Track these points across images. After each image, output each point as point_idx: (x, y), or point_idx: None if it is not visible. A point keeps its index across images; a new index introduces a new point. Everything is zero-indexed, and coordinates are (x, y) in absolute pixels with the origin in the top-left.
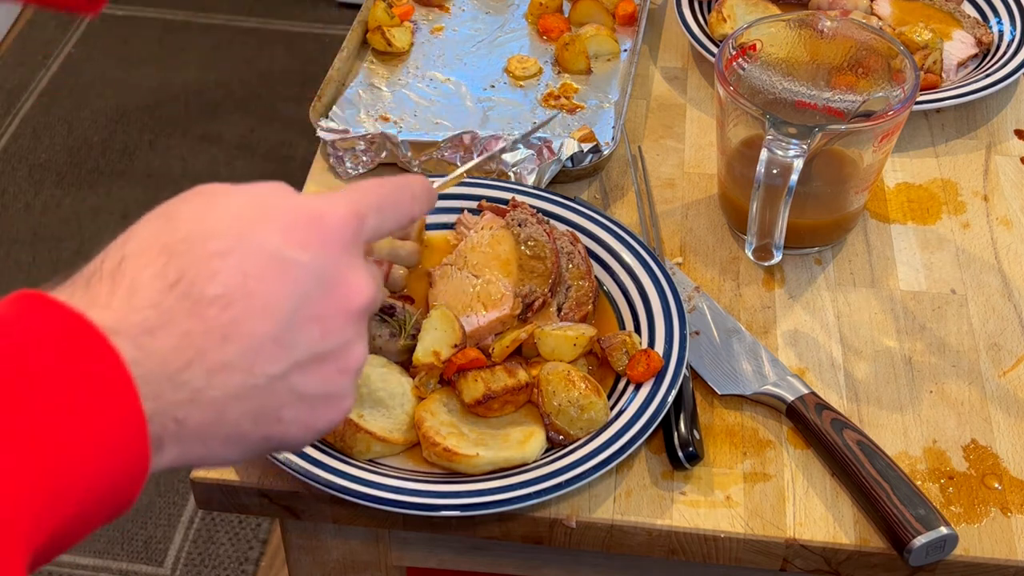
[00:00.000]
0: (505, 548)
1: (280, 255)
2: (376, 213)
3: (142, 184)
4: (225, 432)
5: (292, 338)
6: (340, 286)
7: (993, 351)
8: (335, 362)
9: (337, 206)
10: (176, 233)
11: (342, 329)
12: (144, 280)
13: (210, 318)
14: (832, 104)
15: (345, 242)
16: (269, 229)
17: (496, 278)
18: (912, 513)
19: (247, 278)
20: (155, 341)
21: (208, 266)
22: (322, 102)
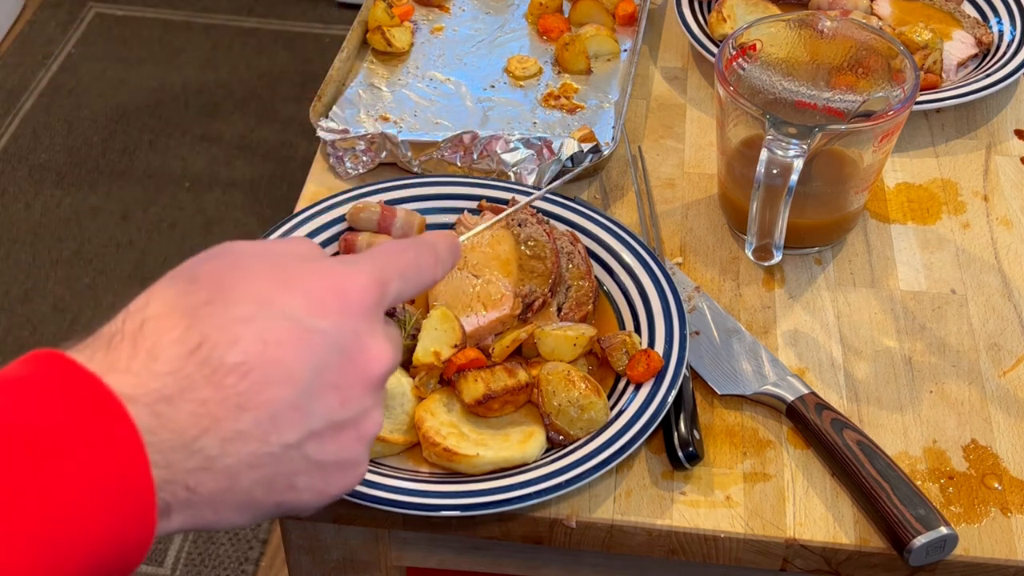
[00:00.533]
0: (505, 548)
1: (301, 323)
2: (399, 280)
3: (142, 184)
4: (237, 499)
5: (310, 406)
6: (360, 354)
7: (993, 351)
8: (352, 430)
9: (360, 274)
10: (198, 296)
11: (360, 398)
12: (165, 344)
13: (228, 386)
14: (832, 104)
15: (366, 310)
16: (291, 296)
17: (496, 278)
18: (912, 513)
19: (267, 346)
20: (172, 409)
21: (229, 332)
22: (322, 102)
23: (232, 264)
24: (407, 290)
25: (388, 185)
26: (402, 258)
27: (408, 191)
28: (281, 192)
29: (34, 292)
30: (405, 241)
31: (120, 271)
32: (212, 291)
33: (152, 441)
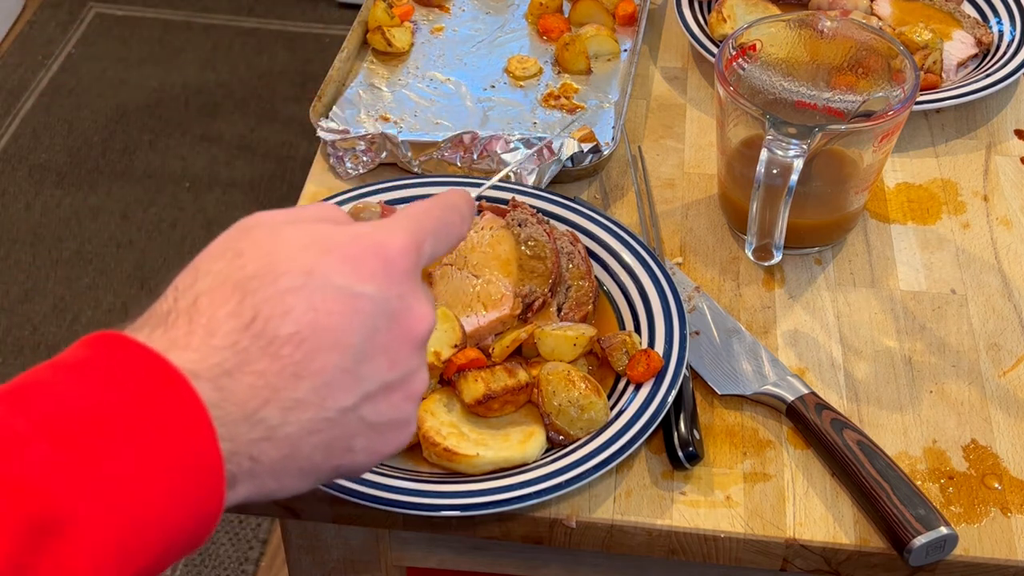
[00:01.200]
0: (505, 548)
1: (348, 289)
2: (432, 239)
3: (142, 184)
4: (298, 466)
5: (362, 370)
6: (405, 316)
7: (993, 351)
8: (402, 390)
9: (396, 236)
10: (246, 269)
11: (408, 358)
12: (220, 319)
13: (284, 356)
14: (832, 104)
15: (407, 272)
16: (336, 263)
17: (496, 278)
18: (912, 513)
19: (318, 314)
20: (233, 382)
21: (281, 304)
22: (322, 102)
23: (272, 235)
24: (440, 249)
25: (388, 185)
26: (431, 217)
27: (408, 191)
28: (281, 192)
29: (34, 292)
30: (428, 201)
31: (120, 271)
32: (258, 263)
33: (217, 415)
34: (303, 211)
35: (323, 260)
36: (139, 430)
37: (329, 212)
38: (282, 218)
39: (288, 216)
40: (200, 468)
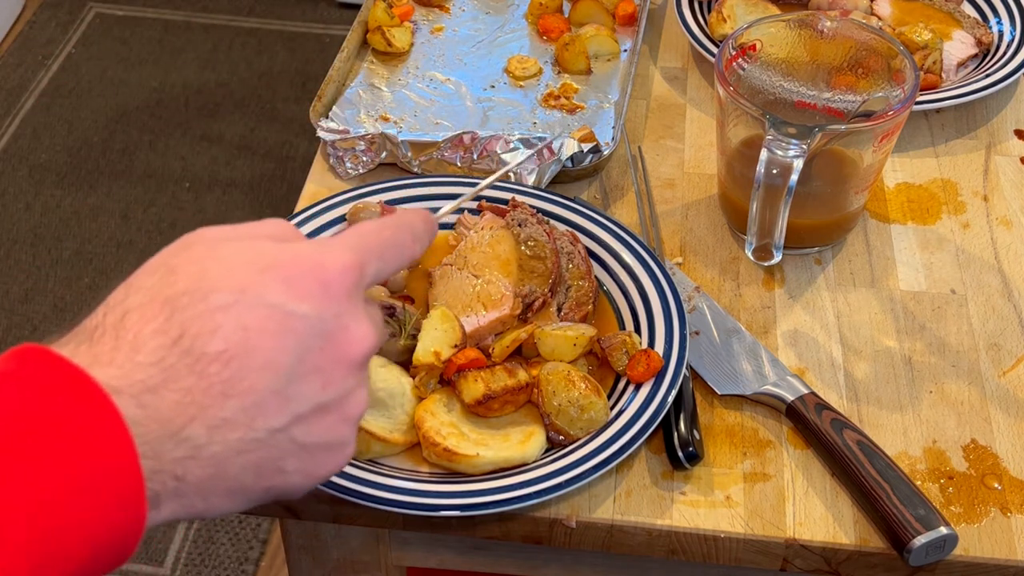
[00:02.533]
0: (505, 548)
1: (282, 308)
2: (378, 260)
3: (142, 184)
4: (226, 486)
5: (293, 391)
6: (341, 337)
7: (993, 351)
8: (337, 411)
9: (338, 255)
10: (177, 286)
11: (343, 379)
12: (146, 336)
13: (211, 374)
14: (832, 104)
15: (346, 291)
16: (270, 281)
17: (496, 278)
18: (912, 513)
19: (248, 332)
20: (157, 399)
21: (210, 321)
22: (322, 102)
23: (208, 252)
24: (386, 269)
25: (388, 185)
26: (379, 237)
27: (408, 191)
28: (281, 192)
29: (34, 292)
30: (381, 220)
31: (120, 271)
32: (190, 280)
33: (139, 432)
34: (249, 228)
35: (258, 278)
36: (57, 444)
37: (277, 229)
38: (224, 234)
39: (230, 232)
40: (120, 485)
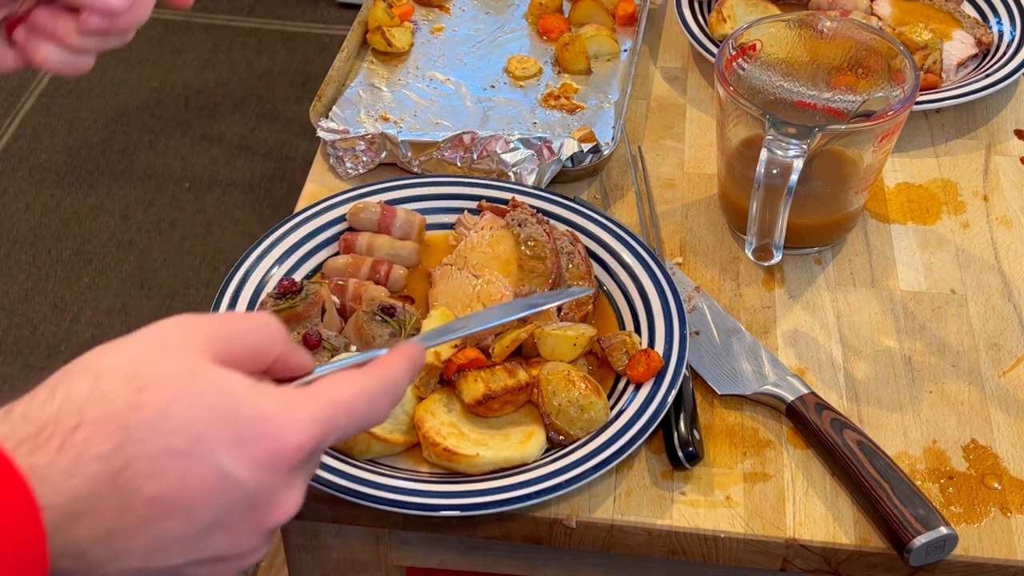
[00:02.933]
0: (505, 548)
1: (225, 470)
2: (342, 433)
3: (142, 184)
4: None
5: (201, 543)
6: (266, 507)
7: (993, 351)
8: (233, 562)
9: (299, 431)
10: (140, 413)
11: (250, 540)
12: (89, 459)
13: (135, 513)
14: (832, 104)
15: (294, 466)
16: (226, 438)
17: (496, 278)
18: (912, 513)
19: (184, 486)
20: (75, 523)
21: (156, 465)
22: (322, 102)
23: (185, 381)
24: (350, 434)
25: (388, 185)
26: (351, 410)
27: (408, 191)
28: (281, 192)
29: (34, 292)
30: (362, 384)
31: (120, 271)
32: (155, 412)
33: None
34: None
35: (215, 430)
36: None
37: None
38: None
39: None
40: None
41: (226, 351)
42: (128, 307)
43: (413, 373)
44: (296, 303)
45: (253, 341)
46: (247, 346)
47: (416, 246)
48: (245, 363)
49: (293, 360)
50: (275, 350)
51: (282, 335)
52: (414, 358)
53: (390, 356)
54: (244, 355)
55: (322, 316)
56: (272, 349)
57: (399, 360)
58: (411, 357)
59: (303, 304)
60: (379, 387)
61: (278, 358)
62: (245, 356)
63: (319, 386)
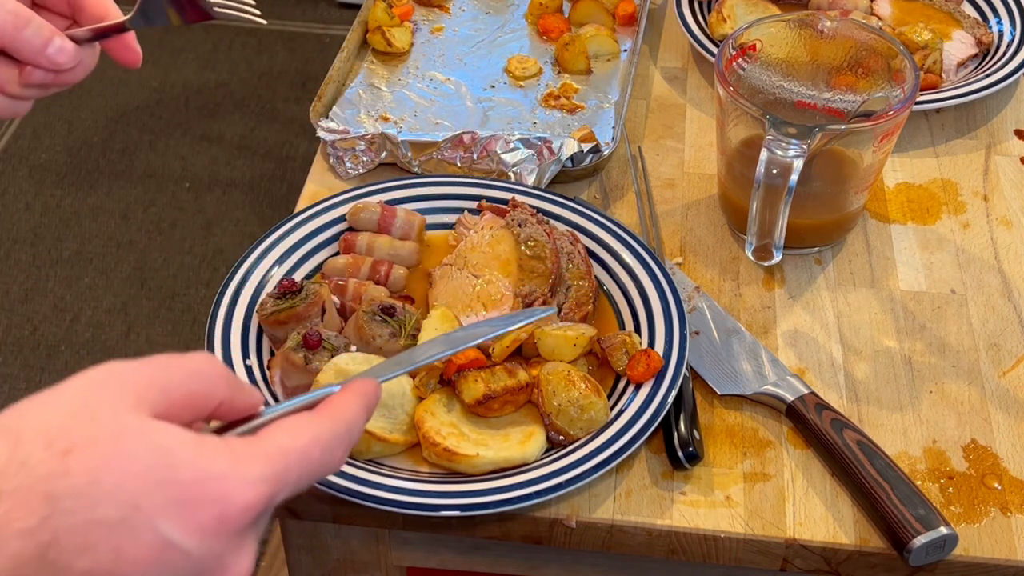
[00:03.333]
0: (505, 548)
1: (166, 537)
2: (293, 488)
3: (142, 184)
4: None
5: None
6: (217, 573)
7: (993, 351)
8: None
9: (248, 489)
10: (67, 480)
11: None
12: (11, 534)
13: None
14: (832, 104)
15: (242, 528)
16: (166, 502)
17: (496, 278)
18: (912, 513)
19: (119, 557)
20: None
21: (86, 537)
22: (322, 102)
23: (112, 447)
24: (303, 490)
25: (388, 185)
26: (304, 461)
27: (408, 191)
28: (281, 192)
29: (34, 292)
30: (316, 427)
31: (120, 271)
32: (83, 479)
33: None
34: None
35: (153, 495)
36: None
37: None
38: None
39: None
40: None
41: (162, 401)
42: (128, 307)
43: (369, 412)
44: (296, 303)
45: (191, 388)
46: (185, 394)
47: (416, 246)
48: (184, 412)
49: (239, 402)
50: (217, 394)
51: (223, 377)
52: (369, 395)
53: (344, 396)
54: (182, 404)
55: (322, 316)
56: (214, 394)
57: (353, 399)
58: (366, 395)
59: (303, 304)
60: (333, 432)
61: (222, 402)
62: (184, 405)
63: (268, 435)
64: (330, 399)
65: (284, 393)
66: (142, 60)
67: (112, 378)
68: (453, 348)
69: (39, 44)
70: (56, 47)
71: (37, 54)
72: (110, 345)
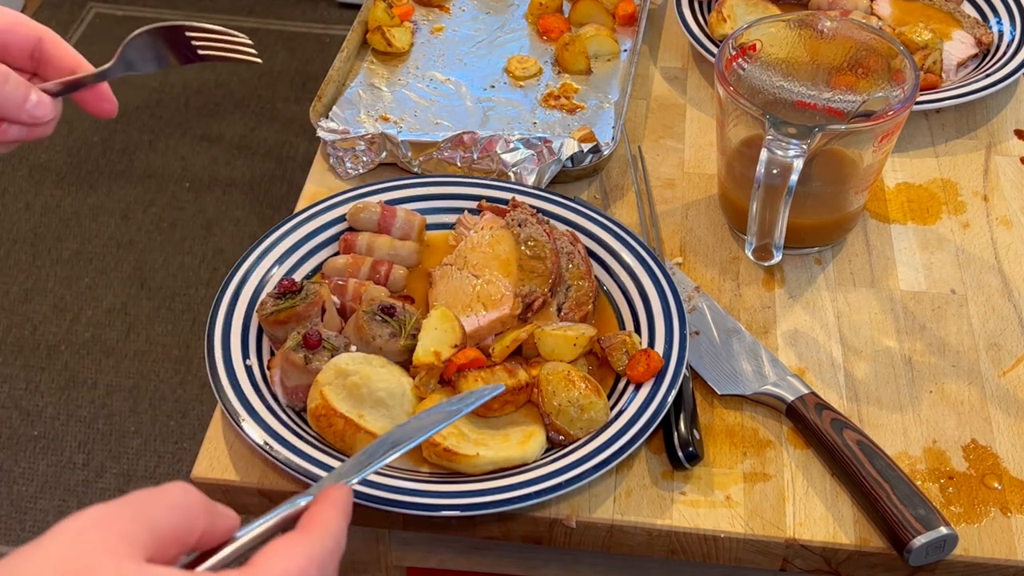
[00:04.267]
0: (505, 548)
1: None
2: None
3: (142, 184)
4: None
5: None
6: None
7: (993, 351)
8: None
9: None
10: None
11: None
12: None
13: None
14: (832, 104)
15: None
16: None
17: (496, 278)
18: (912, 513)
19: None
20: None
21: None
22: (322, 102)
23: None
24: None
25: (388, 185)
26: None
27: (408, 191)
28: (281, 192)
29: (34, 292)
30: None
31: (120, 271)
32: None
33: None
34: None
35: None
36: None
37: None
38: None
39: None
40: None
41: (151, 541)
42: (128, 307)
43: (348, 517)
44: (296, 303)
45: (175, 521)
46: (171, 527)
47: (416, 246)
48: (173, 547)
49: (219, 527)
50: (199, 525)
51: (201, 504)
52: (345, 503)
53: (323, 509)
54: (170, 539)
55: (322, 316)
56: (196, 524)
57: (331, 510)
58: (342, 503)
59: (303, 304)
60: (325, 547)
61: (203, 532)
62: (171, 540)
63: (264, 562)
64: (311, 514)
65: (284, 393)
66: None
67: (97, 525)
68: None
69: (19, 99)
70: (34, 102)
71: (18, 109)
72: (110, 345)
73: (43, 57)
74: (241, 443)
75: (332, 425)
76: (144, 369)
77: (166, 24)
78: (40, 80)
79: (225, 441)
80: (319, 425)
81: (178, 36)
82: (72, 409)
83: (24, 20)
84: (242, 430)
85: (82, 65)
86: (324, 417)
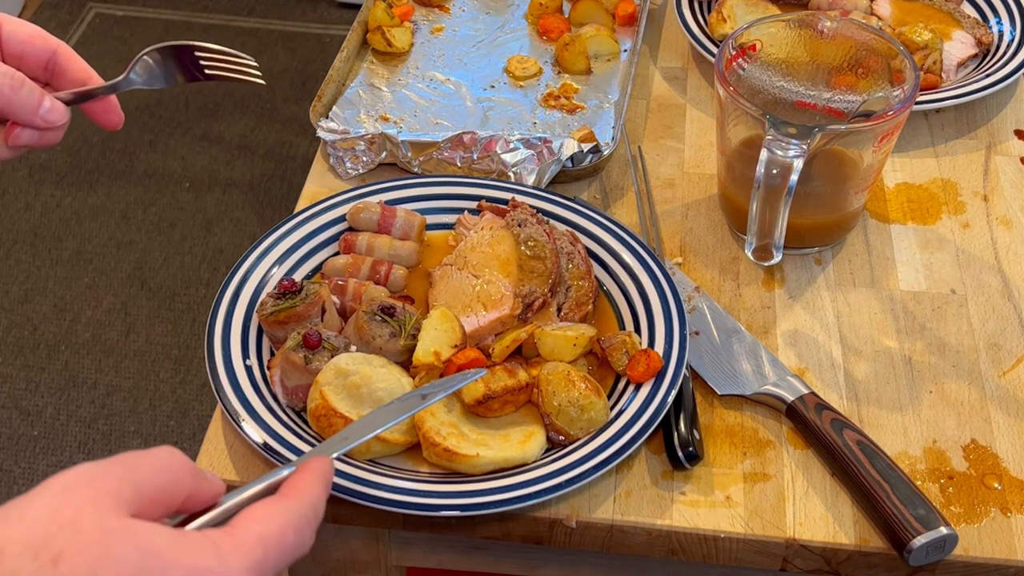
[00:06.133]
0: (505, 548)
1: None
2: (274, 568)
3: (142, 184)
4: None
5: None
6: None
7: (993, 351)
8: None
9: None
10: None
11: None
12: None
13: None
14: (832, 104)
15: None
16: None
17: (496, 278)
18: (912, 513)
19: None
20: None
21: None
22: (322, 102)
23: (100, 543)
24: (277, 574)
25: (388, 185)
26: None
27: (408, 191)
28: (281, 192)
29: (34, 292)
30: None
31: (120, 271)
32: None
33: None
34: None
35: None
36: None
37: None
38: (114, 511)
39: (123, 505)
40: None
41: (137, 499)
42: (128, 307)
43: (328, 488)
44: (296, 303)
45: (161, 482)
46: (156, 488)
47: (416, 246)
48: (158, 507)
49: (204, 492)
50: (184, 487)
51: (188, 469)
52: (326, 473)
53: (304, 476)
54: (155, 499)
55: (322, 316)
56: (181, 487)
57: (313, 479)
58: (323, 473)
59: (303, 304)
60: (302, 514)
61: (189, 495)
62: (156, 500)
63: (243, 524)
64: (291, 481)
65: (284, 393)
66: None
67: (85, 481)
68: (398, 417)
69: (34, 104)
70: (47, 107)
71: (32, 113)
72: (110, 345)
73: (57, 68)
74: (241, 443)
75: (332, 425)
76: (144, 369)
77: (177, 43)
78: (53, 90)
79: (225, 441)
80: (319, 425)
81: (187, 55)
82: (72, 409)
83: (41, 33)
84: (242, 430)
85: (93, 78)
86: (324, 417)
